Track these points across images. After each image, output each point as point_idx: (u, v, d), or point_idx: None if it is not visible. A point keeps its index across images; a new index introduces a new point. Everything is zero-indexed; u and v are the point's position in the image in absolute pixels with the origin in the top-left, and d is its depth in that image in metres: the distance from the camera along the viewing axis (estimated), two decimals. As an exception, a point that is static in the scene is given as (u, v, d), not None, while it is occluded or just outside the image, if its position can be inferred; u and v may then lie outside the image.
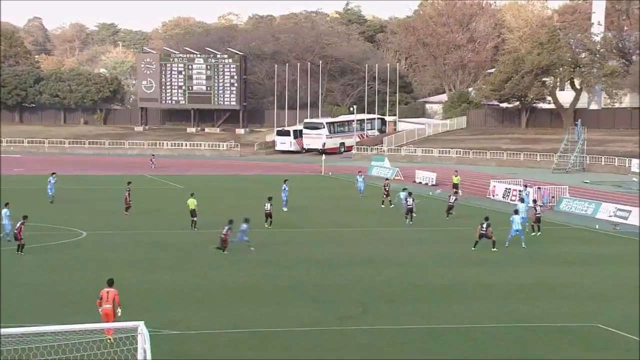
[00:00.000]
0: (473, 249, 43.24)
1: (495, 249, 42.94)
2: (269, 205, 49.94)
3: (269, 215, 49.93)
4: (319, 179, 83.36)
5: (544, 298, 33.16)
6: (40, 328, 21.94)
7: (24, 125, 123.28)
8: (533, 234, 48.08)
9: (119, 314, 25.65)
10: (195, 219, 48.85)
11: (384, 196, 60.62)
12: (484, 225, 43.15)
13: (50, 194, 60.70)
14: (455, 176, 67.91)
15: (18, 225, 41.24)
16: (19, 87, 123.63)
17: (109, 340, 23.28)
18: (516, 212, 45.72)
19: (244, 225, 42.49)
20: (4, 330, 19.21)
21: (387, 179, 67.90)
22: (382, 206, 60.02)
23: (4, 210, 44.41)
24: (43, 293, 33.33)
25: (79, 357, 21.21)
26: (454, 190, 63.53)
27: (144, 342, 18.33)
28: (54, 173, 63.00)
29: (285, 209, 56.51)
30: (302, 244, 45.40)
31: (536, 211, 49.25)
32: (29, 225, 43.04)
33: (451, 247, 44.54)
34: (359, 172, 70.90)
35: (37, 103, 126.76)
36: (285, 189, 57.56)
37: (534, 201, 52.74)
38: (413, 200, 52.88)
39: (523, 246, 43.85)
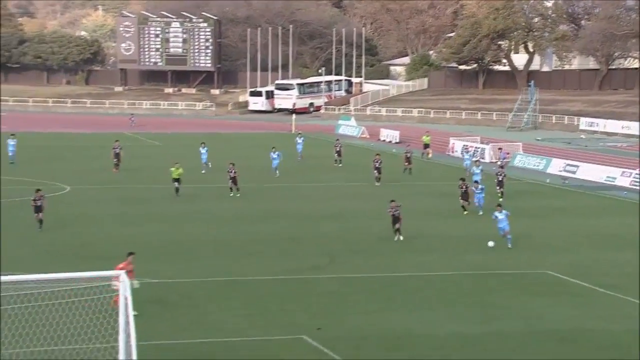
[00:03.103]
0: (465, 212, 40.43)
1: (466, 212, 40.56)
2: (233, 170, 45.48)
3: (234, 180, 45.31)
4: (289, 137, 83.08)
5: (497, 249, 33.33)
6: (21, 277, 21.83)
7: (8, 85, 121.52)
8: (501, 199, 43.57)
9: (136, 285, 22.66)
10: (178, 185, 44.72)
11: (336, 155, 58.81)
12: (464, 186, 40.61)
13: (10, 155, 56.55)
14: (427, 136, 66.98)
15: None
16: (3, 48, 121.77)
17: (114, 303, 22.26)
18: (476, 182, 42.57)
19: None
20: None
21: (337, 140, 64.70)
22: (335, 165, 58.34)
23: None
24: (28, 245, 33.01)
25: (63, 303, 21.13)
26: (425, 149, 63.66)
27: (125, 290, 18.25)
28: (13, 134, 58.94)
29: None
30: (272, 200, 45.33)
31: (498, 175, 46.03)
32: (13, 180, 42.55)
33: (413, 201, 44.60)
34: (299, 133, 68.04)
35: (21, 64, 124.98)
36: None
37: (501, 167, 50.58)
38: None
39: (480, 213, 40.36)
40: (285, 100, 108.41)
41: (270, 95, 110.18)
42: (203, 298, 26.41)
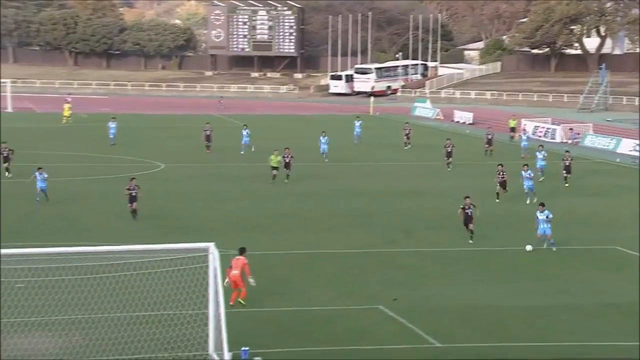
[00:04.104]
0: (497, 200, 37.77)
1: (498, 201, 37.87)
2: (289, 155, 42.41)
3: (287, 166, 42.21)
4: (367, 118, 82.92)
5: (567, 225, 32.76)
6: (121, 247, 22.40)
7: (110, 70, 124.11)
8: (567, 184, 42.22)
9: (252, 283, 22.31)
10: (276, 172, 41.83)
11: (405, 138, 57.04)
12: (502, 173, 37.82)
13: (111, 137, 56.48)
14: (513, 120, 63.82)
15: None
16: (106, 36, 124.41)
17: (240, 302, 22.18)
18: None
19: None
20: (95, 249, 19.71)
21: (407, 123, 62.15)
22: (405, 148, 56.70)
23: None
24: (126, 218, 33.74)
25: (158, 272, 21.62)
26: (512, 133, 62.08)
27: (214, 261, 18.59)
28: (113, 117, 58.67)
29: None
30: (348, 178, 45.33)
31: (565, 160, 42.77)
32: (115, 158, 43.49)
33: (484, 180, 44.07)
34: (357, 116, 63.08)
35: (121, 50, 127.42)
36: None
37: (567, 151, 45.85)
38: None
39: (527, 202, 37.35)
40: (364, 83, 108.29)
41: (349, 79, 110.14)
42: (286, 269, 26.68)
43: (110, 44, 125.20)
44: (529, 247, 28.94)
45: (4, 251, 20.32)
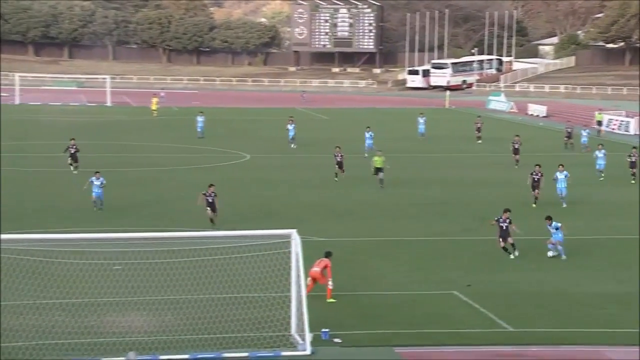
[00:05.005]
0: (534, 205, 33.80)
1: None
2: (340, 154, 39.53)
3: (340, 165, 39.29)
4: (442, 111, 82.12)
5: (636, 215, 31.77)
6: (210, 233, 22.68)
7: (200, 66, 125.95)
8: (632, 182, 39.78)
9: (330, 286, 21.54)
10: (382, 175, 37.71)
11: (477, 132, 55.45)
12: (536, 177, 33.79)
13: (199, 130, 56.20)
14: (599, 114, 62.31)
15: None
16: (196, 34, 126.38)
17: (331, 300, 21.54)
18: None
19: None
20: (188, 234, 20.00)
21: (478, 116, 59.68)
22: (478, 142, 55.18)
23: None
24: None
25: (244, 257, 21.84)
26: (598, 126, 59.83)
27: (296, 247, 18.65)
28: (201, 112, 57.94)
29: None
30: (425, 168, 44.97)
31: (631, 156, 40.15)
32: (203, 149, 43.98)
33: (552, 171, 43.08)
34: (421, 113, 60.25)
35: (210, 47, 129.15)
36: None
37: (633, 147, 43.12)
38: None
39: (564, 206, 33.84)
40: (440, 78, 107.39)
41: (426, 73, 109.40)
42: (366, 255, 26.62)
43: (201, 41, 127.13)
44: (550, 253, 25.98)
45: (103, 235, 20.85)
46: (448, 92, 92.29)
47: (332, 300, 21.43)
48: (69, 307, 20.20)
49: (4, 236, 19.17)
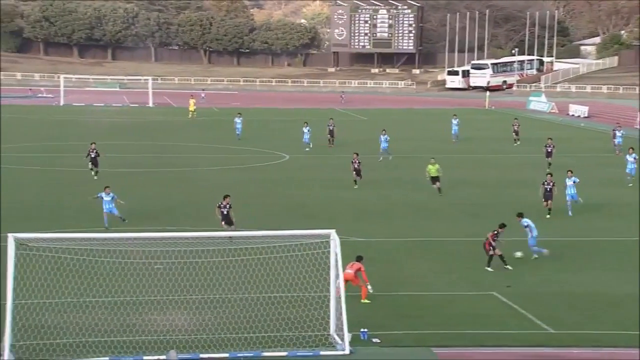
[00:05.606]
0: (547, 216, 31.88)
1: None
2: (357, 161, 38.14)
3: (357, 172, 37.96)
4: (482, 112, 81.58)
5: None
6: (250, 232, 22.84)
7: (240, 67, 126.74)
8: None
9: (370, 290, 21.56)
10: (438, 185, 36.30)
11: (514, 134, 54.58)
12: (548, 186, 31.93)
13: (237, 132, 55.94)
14: None
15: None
16: (237, 35, 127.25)
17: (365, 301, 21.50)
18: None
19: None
20: (228, 233, 20.00)
21: (515, 119, 57.97)
22: (515, 144, 54.17)
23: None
24: (252, 205, 34.29)
25: (283, 256, 21.97)
26: None
27: (335, 247, 18.73)
28: (239, 113, 57.98)
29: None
30: (461, 169, 44.72)
31: None
32: (242, 149, 44.08)
33: (598, 171, 42.62)
34: (454, 115, 58.81)
35: (250, 49, 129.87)
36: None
37: None
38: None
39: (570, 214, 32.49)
40: (480, 78, 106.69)
41: (466, 74, 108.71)
42: (403, 255, 26.60)
43: (241, 43, 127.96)
44: (518, 254, 25.27)
45: (147, 234, 21.13)
46: (488, 93, 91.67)
47: (366, 301, 21.48)
48: (111, 305, 20.53)
49: (47, 235, 19.57)
